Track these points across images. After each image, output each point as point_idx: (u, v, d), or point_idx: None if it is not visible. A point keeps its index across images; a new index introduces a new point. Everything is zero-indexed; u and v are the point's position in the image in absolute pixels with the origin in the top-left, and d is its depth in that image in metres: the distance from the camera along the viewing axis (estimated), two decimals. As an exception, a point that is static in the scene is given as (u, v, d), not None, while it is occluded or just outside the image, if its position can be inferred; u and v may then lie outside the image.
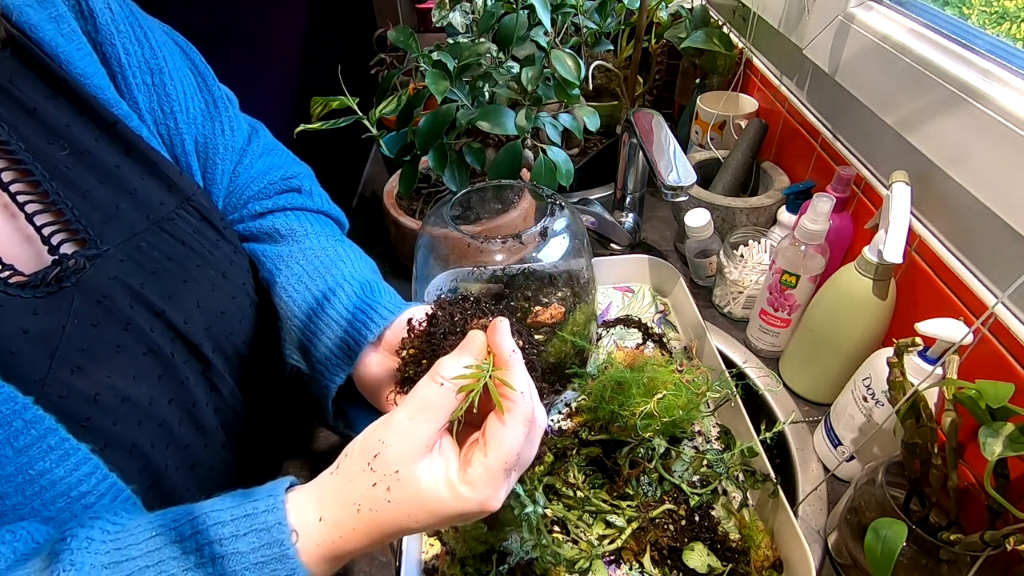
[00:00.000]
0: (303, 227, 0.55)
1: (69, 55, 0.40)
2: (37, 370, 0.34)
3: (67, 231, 0.38)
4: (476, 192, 0.69)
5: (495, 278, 0.64)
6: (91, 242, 0.39)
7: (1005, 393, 0.41)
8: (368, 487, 0.32)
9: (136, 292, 0.40)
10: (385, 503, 0.32)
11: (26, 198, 0.36)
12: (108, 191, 0.41)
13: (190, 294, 0.44)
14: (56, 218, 0.38)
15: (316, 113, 0.75)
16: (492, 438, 0.33)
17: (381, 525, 0.32)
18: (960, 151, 0.55)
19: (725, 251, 0.77)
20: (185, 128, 0.48)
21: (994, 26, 0.63)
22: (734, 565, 0.52)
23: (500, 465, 0.33)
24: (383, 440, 0.33)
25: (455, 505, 0.32)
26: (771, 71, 0.92)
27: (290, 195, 0.57)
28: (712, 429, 0.66)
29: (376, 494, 0.32)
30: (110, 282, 0.39)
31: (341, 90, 0.73)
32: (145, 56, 0.46)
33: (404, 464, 0.32)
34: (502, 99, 0.77)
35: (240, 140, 0.55)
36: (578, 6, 0.83)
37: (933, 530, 0.46)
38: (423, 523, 0.33)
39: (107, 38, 0.43)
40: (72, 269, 0.37)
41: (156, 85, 0.46)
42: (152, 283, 0.41)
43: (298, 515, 0.32)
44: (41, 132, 0.38)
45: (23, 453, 0.32)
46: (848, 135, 0.74)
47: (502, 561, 0.54)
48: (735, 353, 0.76)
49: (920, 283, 0.61)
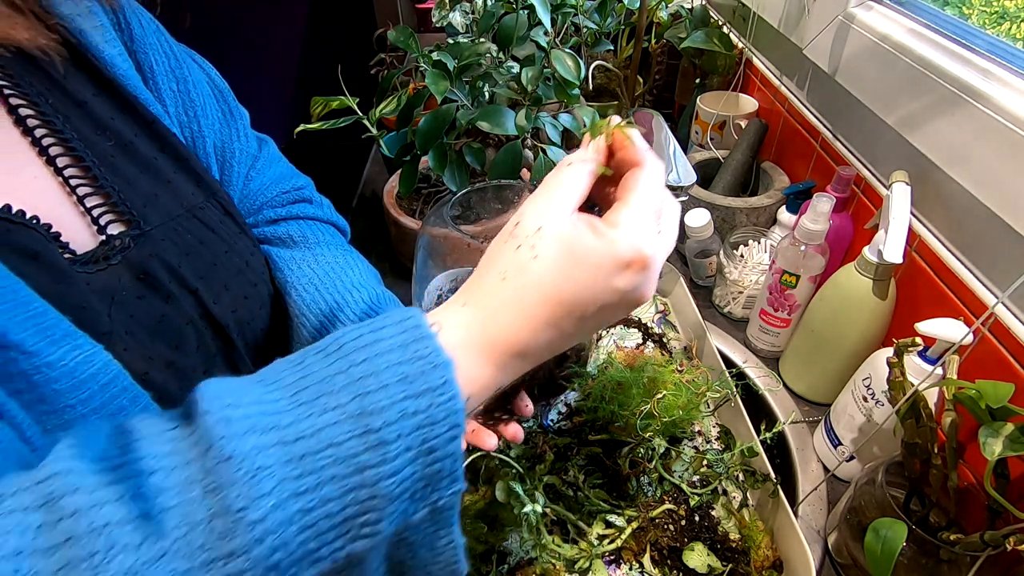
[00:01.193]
0: (314, 236, 0.59)
1: (112, 59, 0.45)
2: (102, 325, 0.38)
3: (113, 212, 0.42)
4: (476, 192, 0.69)
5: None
6: (135, 222, 0.43)
7: (1005, 393, 0.41)
8: (512, 252, 0.31)
9: (174, 269, 0.44)
10: (531, 261, 0.30)
11: (77, 182, 0.40)
12: (148, 180, 0.45)
13: (219, 277, 0.47)
14: (103, 200, 0.42)
15: (316, 113, 0.75)
16: (629, 185, 0.32)
17: (531, 290, 0.30)
18: (960, 151, 0.55)
19: (725, 251, 0.77)
20: (207, 132, 0.53)
21: (994, 26, 0.63)
22: (734, 565, 0.52)
23: (643, 205, 0.31)
24: (520, 218, 0.32)
25: (606, 250, 0.30)
26: (771, 71, 0.92)
27: (301, 205, 0.61)
28: (712, 429, 0.66)
29: (521, 256, 0.31)
30: (151, 259, 0.43)
31: (341, 90, 0.73)
32: (171, 66, 0.51)
33: (547, 221, 0.31)
34: (502, 99, 0.77)
35: (253, 147, 0.60)
36: (578, 6, 0.83)
37: (933, 530, 0.46)
38: (577, 282, 0.30)
39: (140, 47, 0.48)
40: (119, 248, 0.41)
41: (181, 92, 0.51)
42: (187, 263, 0.45)
43: (436, 313, 0.31)
44: (90, 124, 0.43)
45: (106, 389, 0.35)
46: (848, 135, 0.74)
47: (502, 561, 0.54)
48: (735, 353, 0.76)
49: (920, 283, 0.61)
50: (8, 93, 0.39)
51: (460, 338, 0.30)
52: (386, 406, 0.26)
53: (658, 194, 0.33)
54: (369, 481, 0.25)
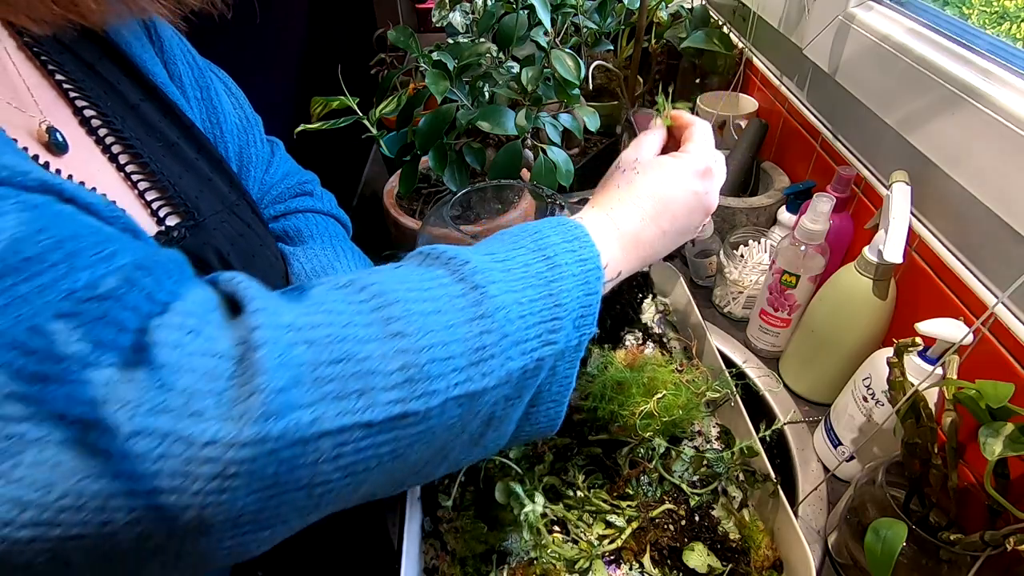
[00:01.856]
0: (309, 230, 0.62)
1: (152, 67, 0.48)
2: None
3: (170, 205, 0.45)
4: (476, 192, 0.69)
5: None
6: (190, 213, 0.46)
7: (1005, 393, 0.41)
8: (620, 174, 0.45)
9: (223, 258, 0.47)
10: (635, 175, 0.44)
11: (138, 176, 0.44)
12: (192, 178, 0.48)
13: (256, 268, 0.51)
14: (161, 194, 0.45)
15: (316, 113, 0.75)
16: (687, 135, 0.47)
17: (638, 189, 0.43)
18: (960, 151, 0.55)
19: (725, 251, 0.77)
20: (228, 138, 0.56)
21: (994, 26, 0.63)
22: (734, 565, 0.52)
23: (702, 140, 0.46)
24: (620, 160, 0.46)
25: (685, 161, 0.44)
26: (771, 71, 0.92)
27: (302, 199, 0.64)
28: (712, 429, 0.66)
29: (627, 174, 0.44)
30: (205, 247, 0.46)
31: (341, 90, 0.73)
32: (195, 76, 0.54)
33: (641, 154, 0.46)
34: (502, 99, 0.77)
35: (267, 151, 0.63)
36: (578, 6, 0.83)
37: (933, 530, 0.46)
38: (669, 185, 0.43)
39: (170, 58, 0.52)
40: (177, 238, 0.44)
41: (204, 100, 0.54)
42: (234, 252, 0.48)
43: (576, 216, 0.42)
44: (142, 125, 0.46)
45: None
46: (848, 135, 0.74)
47: (502, 561, 0.54)
48: (735, 353, 0.76)
49: (920, 283, 0.61)
50: (73, 96, 0.42)
51: (594, 223, 0.40)
52: (557, 250, 0.36)
53: (709, 136, 0.47)
54: (554, 292, 0.34)
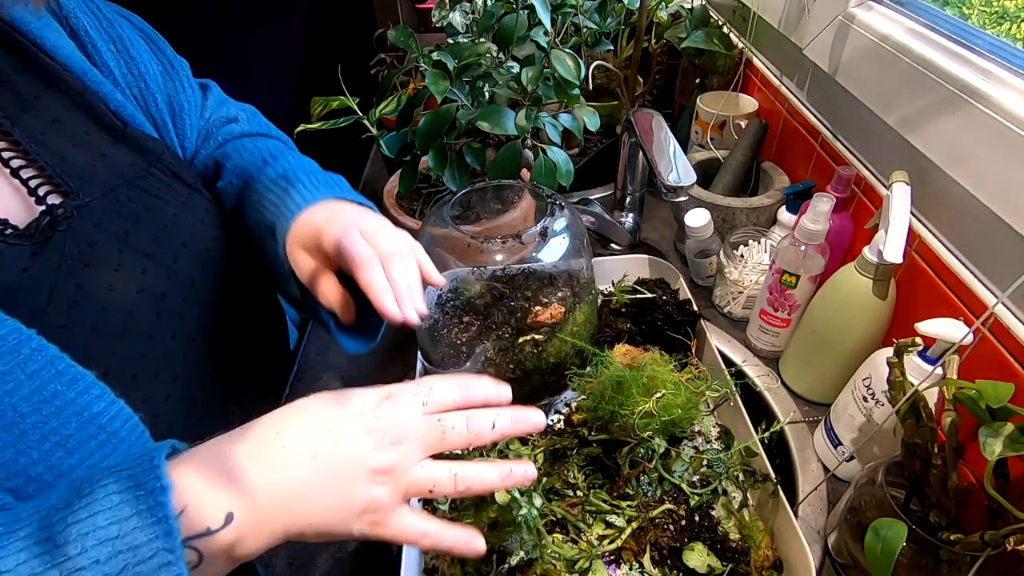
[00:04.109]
0: (234, 151, 0.58)
1: (40, 30, 0.43)
2: (38, 302, 0.37)
3: (50, 184, 0.41)
4: (476, 192, 0.69)
5: (495, 278, 0.64)
6: (73, 194, 0.41)
7: (1005, 393, 0.41)
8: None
9: (122, 239, 0.43)
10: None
11: (10, 154, 0.39)
12: (82, 154, 0.44)
13: (174, 237, 0.47)
14: (39, 173, 0.41)
15: (316, 113, 0.75)
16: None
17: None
18: (960, 151, 0.55)
19: (725, 251, 0.77)
20: (154, 88, 0.52)
21: (994, 26, 0.63)
22: (734, 565, 0.52)
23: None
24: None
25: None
26: (771, 71, 0.92)
27: (229, 127, 0.60)
28: (712, 429, 0.66)
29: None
30: (95, 229, 0.42)
31: (341, 90, 0.73)
32: (103, 26, 0.49)
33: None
34: (502, 99, 0.77)
35: (198, 96, 0.59)
36: (578, 6, 0.83)
37: (933, 530, 0.46)
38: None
39: (71, 12, 0.47)
40: (62, 216, 0.40)
41: (120, 52, 0.50)
42: (136, 230, 0.44)
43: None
44: (16, 102, 0.41)
45: (35, 377, 0.34)
46: (848, 135, 0.74)
47: (502, 561, 0.54)
48: (735, 353, 0.76)
49: (920, 283, 0.61)
50: None
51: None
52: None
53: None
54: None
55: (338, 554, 0.59)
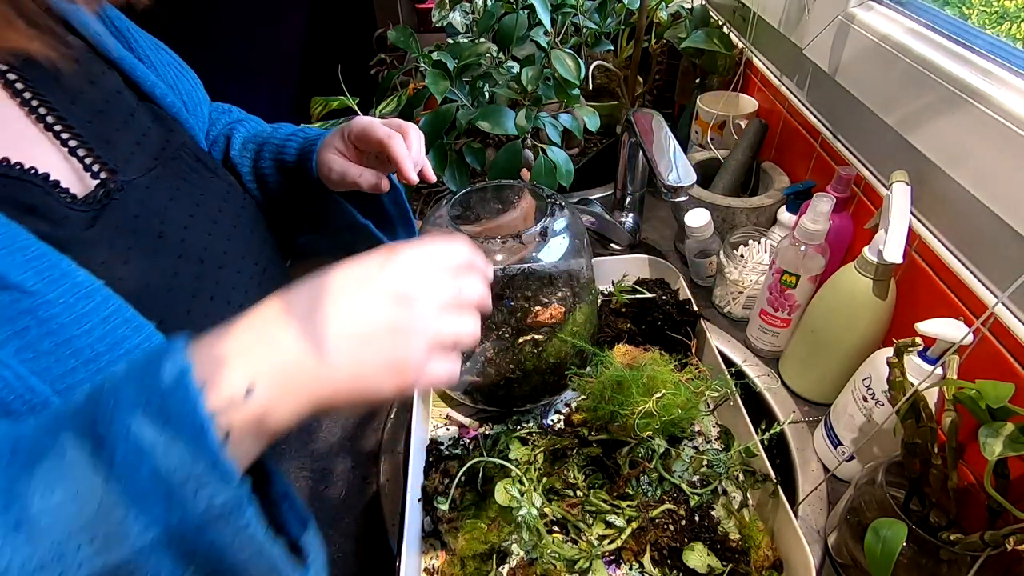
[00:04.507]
0: (242, 126, 0.65)
1: (100, 37, 0.50)
2: (100, 258, 0.41)
3: (99, 163, 0.45)
4: (476, 192, 0.69)
5: (495, 278, 0.64)
6: (119, 172, 0.46)
7: (1005, 393, 0.41)
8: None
9: (163, 212, 0.48)
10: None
11: (67, 135, 0.44)
12: (126, 136, 0.49)
13: (204, 215, 0.52)
14: (89, 152, 0.45)
15: (316, 113, 0.75)
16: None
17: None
18: (960, 151, 0.55)
19: (725, 251, 0.77)
20: (180, 79, 0.59)
21: (994, 26, 0.63)
22: (734, 565, 0.52)
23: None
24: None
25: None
26: (771, 71, 0.92)
27: (227, 114, 0.68)
28: (712, 429, 0.66)
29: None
30: (139, 204, 0.47)
31: (341, 90, 0.73)
32: (154, 43, 0.57)
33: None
34: (502, 99, 0.77)
35: (203, 89, 0.65)
36: (578, 6, 0.83)
37: (933, 530, 0.46)
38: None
39: (114, 14, 0.54)
40: (114, 189, 0.45)
41: (154, 47, 0.57)
42: (173, 207, 0.49)
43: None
44: (66, 89, 0.46)
45: (107, 321, 0.38)
46: (848, 135, 0.74)
47: (502, 561, 0.54)
48: (735, 353, 0.76)
49: (920, 283, 0.61)
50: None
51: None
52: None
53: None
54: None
55: (338, 554, 0.59)
